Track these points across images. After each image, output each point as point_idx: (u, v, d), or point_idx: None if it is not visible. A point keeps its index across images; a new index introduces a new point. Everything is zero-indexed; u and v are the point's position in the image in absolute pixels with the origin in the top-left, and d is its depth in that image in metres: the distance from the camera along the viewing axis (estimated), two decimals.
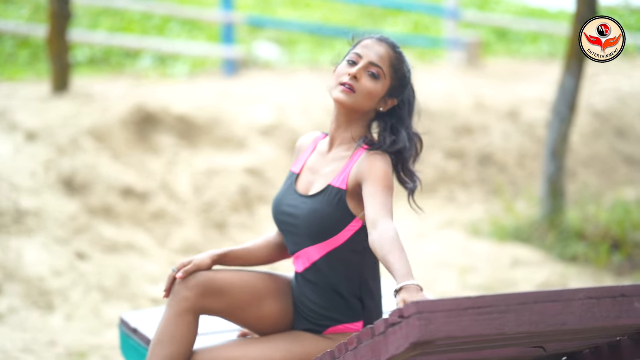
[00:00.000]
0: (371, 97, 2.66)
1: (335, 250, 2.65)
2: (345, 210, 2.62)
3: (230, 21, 9.51)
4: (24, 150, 6.45)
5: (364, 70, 2.65)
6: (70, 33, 9.37)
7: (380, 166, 2.59)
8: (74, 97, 7.45)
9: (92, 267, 5.59)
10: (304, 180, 2.76)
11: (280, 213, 2.76)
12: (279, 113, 7.53)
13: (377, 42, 2.70)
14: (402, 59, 2.73)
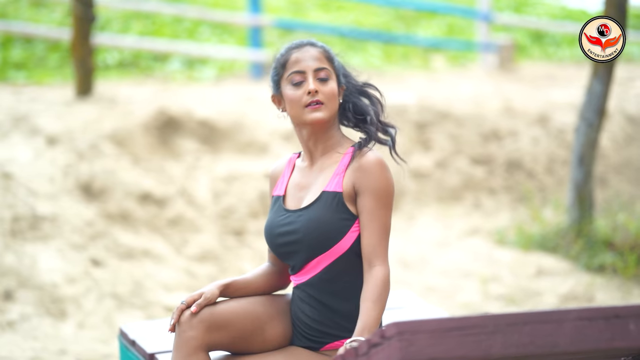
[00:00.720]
0: (335, 97, 2.62)
1: (341, 258, 2.55)
2: (345, 212, 2.54)
3: (257, 24, 9.45)
4: (43, 154, 6.43)
5: (315, 81, 2.58)
6: (98, 36, 9.40)
7: (377, 176, 2.53)
8: (97, 101, 7.43)
9: (106, 274, 5.55)
10: (292, 198, 2.68)
11: (275, 236, 2.66)
12: None
13: (302, 49, 2.64)
14: (327, 48, 2.70)
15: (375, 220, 2.51)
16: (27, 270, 5.37)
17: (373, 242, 2.50)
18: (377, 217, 2.51)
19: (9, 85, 8.65)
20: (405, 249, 6.56)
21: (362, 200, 2.51)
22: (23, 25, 9.71)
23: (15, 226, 5.69)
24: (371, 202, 2.50)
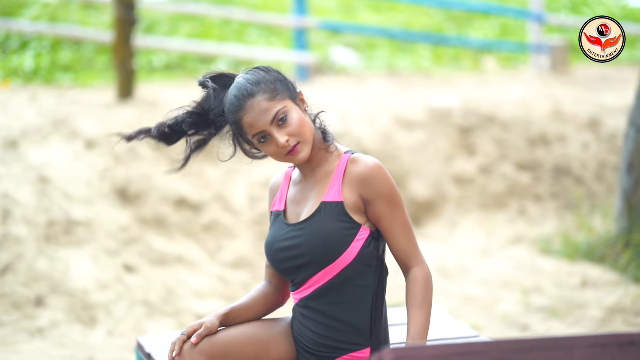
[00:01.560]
0: (304, 124, 2.52)
1: (348, 268, 2.48)
2: (349, 221, 2.48)
3: (303, 26, 9.35)
4: (81, 158, 6.41)
5: (278, 130, 2.49)
6: (145, 39, 9.42)
7: (383, 180, 2.49)
8: (137, 104, 7.40)
9: (138, 281, 5.49)
10: (292, 214, 2.61)
11: (276, 252, 2.58)
12: (343, 121, 7.32)
13: (246, 106, 2.50)
14: (264, 81, 2.52)
15: (397, 223, 2.49)
16: (59, 276, 5.34)
17: (403, 245, 2.50)
18: (397, 219, 2.49)
19: (54, 88, 8.69)
20: (445, 257, 6.39)
21: (376, 208, 2.48)
22: (72, 29, 9.76)
23: (49, 231, 5.68)
24: (386, 207, 2.48)
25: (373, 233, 2.52)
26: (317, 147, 2.56)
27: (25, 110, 7.20)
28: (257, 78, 2.51)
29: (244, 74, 2.55)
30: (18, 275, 5.33)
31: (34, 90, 8.40)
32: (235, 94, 2.50)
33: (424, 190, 7.19)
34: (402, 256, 2.52)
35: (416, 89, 8.73)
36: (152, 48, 9.54)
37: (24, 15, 10.75)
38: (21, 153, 6.37)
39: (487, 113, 7.74)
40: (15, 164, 6.21)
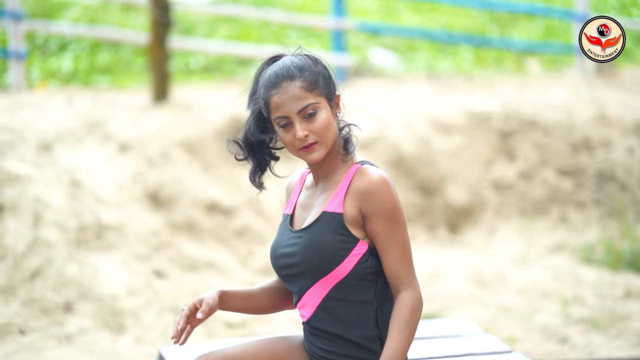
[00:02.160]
0: (329, 127, 2.47)
1: (343, 282, 2.44)
2: (346, 235, 2.43)
3: (341, 28, 9.25)
4: (114, 162, 6.38)
5: (302, 122, 2.44)
6: (182, 41, 9.40)
7: (384, 196, 2.42)
8: (171, 107, 7.35)
9: (168, 286, 5.43)
10: (298, 219, 2.57)
11: (277, 257, 2.55)
12: (380, 124, 7.20)
13: (280, 88, 2.45)
14: (309, 70, 2.47)
15: (393, 243, 2.42)
16: (88, 281, 5.30)
17: (395, 267, 2.41)
18: (394, 239, 2.42)
19: (91, 90, 8.69)
20: (482, 265, 6.24)
21: (373, 225, 2.42)
22: (110, 31, 9.78)
23: (80, 235, 5.64)
24: (383, 225, 2.41)
25: (372, 249, 2.45)
26: (334, 154, 2.50)
27: (60, 112, 7.19)
28: (303, 64, 2.47)
29: (292, 56, 2.52)
30: (47, 280, 5.29)
31: (70, 92, 8.41)
32: (275, 70, 2.46)
33: (461, 196, 7.06)
34: (393, 278, 2.43)
35: (456, 91, 8.58)
36: (189, 50, 9.51)
37: (64, 17, 10.80)
38: (55, 156, 6.36)
39: (528, 117, 7.57)
40: (48, 167, 6.19)
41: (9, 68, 8.63)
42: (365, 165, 2.48)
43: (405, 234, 2.44)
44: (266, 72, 2.51)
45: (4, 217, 5.71)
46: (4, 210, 5.74)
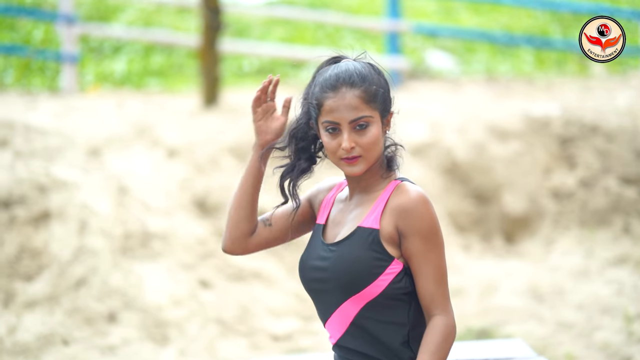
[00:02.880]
0: (376, 144, 2.40)
1: (374, 302, 2.37)
2: (381, 252, 2.36)
3: (395, 30, 9.10)
4: (162, 168, 6.33)
5: (351, 132, 2.38)
6: (235, 44, 9.35)
7: (422, 215, 2.35)
8: (221, 111, 7.30)
9: (213, 297, 5.35)
10: (330, 231, 2.49)
11: (307, 270, 2.47)
12: (434, 130, 7.05)
13: (338, 93, 2.38)
14: (371, 81, 2.40)
15: (429, 264, 2.35)
16: (133, 291, 5.26)
17: (430, 289, 2.35)
18: (430, 261, 2.35)
19: (142, 94, 8.69)
20: (539, 277, 6.04)
21: (410, 244, 2.35)
22: (164, 34, 9.78)
23: (125, 243, 5.60)
24: (420, 245, 2.34)
25: (406, 268, 2.38)
26: (375, 169, 2.43)
27: (110, 116, 7.20)
28: (366, 74, 2.41)
29: (355, 61, 2.45)
30: (92, 289, 5.27)
31: (122, 95, 8.42)
32: (337, 73, 2.40)
33: (518, 205, 6.87)
34: (426, 300, 2.36)
35: (515, 95, 8.38)
36: (241, 53, 9.46)
37: (119, 19, 10.84)
38: (103, 161, 6.35)
39: (589, 122, 7.33)
40: (96, 173, 6.18)
41: (62, 71, 8.66)
42: (404, 182, 2.41)
43: (442, 256, 2.37)
44: (326, 72, 2.44)
45: (50, 224, 5.71)
46: (51, 217, 5.73)
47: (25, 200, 5.83)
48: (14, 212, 5.74)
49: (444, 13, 12.19)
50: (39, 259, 5.47)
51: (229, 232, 2.54)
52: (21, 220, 5.70)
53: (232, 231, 2.54)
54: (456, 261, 6.22)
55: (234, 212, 2.54)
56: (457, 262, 6.21)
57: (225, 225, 2.55)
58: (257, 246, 2.58)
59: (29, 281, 5.36)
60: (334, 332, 2.43)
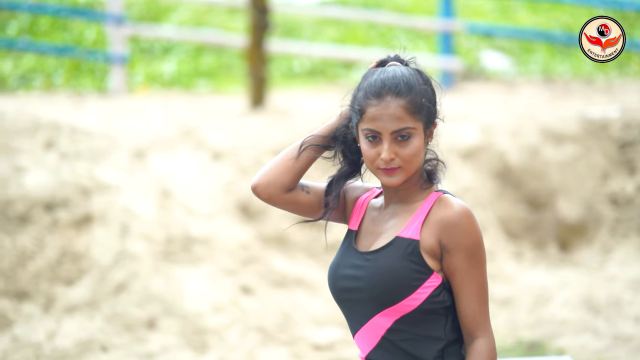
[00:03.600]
0: (417, 156, 2.34)
1: (410, 316, 2.29)
2: (420, 264, 2.29)
3: (448, 30, 8.95)
4: (206, 170, 6.31)
5: (392, 143, 2.31)
6: (286, 44, 9.28)
7: (467, 230, 2.29)
8: (268, 113, 7.24)
9: (255, 304, 5.30)
10: (363, 239, 2.41)
11: (338, 278, 2.37)
12: (486, 133, 6.89)
13: (382, 101, 2.31)
14: (417, 90, 2.33)
15: (472, 282, 2.30)
16: (173, 296, 5.23)
17: (472, 309, 2.30)
18: (474, 279, 2.30)
19: (191, 95, 8.69)
20: (595, 288, 5.85)
21: (453, 259, 2.30)
22: (214, 34, 9.76)
23: (167, 248, 5.59)
24: (464, 261, 2.29)
25: (445, 282, 2.31)
26: (414, 181, 2.37)
27: (156, 118, 7.21)
28: (414, 82, 2.33)
29: (404, 67, 2.38)
30: (132, 294, 5.26)
31: (169, 97, 8.42)
32: (383, 79, 2.33)
33: (574, 211, 6.70)
34: (468, 321, 2.29)
35: (572, 97, 8.18)
36: (290, 54, 9.39)
37: (170, 19, 10.85)
38: (147, 163, 6.35)
39: None
40: (139, 175, 6.18)
41: (111, 72, 8.68)
42: (447, 195, 2.36)
43: (485, 274, 2.32)
44: (372, 77, 2.36)
45: (92, 228, 5.72)
46: (93, 221, 5.74)
47: (68, 203, 5.85)
48: (57, 215, 5.77)
49: (501, 12, 12.01)
50: (80, 263, 5.47)
51: (269, 174, 2.43)
52: (64, 223, 5.72)
53: (271, 175, 2.43)
54: (507, 269, 6.08)
55: (283, 161, 2.44)
56: (508, 271, 6.07)
57: (267, 166, 2.44)
58: (286, 202, 2.47)
59: (70, 285, 5.37)
60: (363, 345, 2.36)
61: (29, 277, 5.40)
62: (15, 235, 5.62)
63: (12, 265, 5.43)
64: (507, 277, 5.96)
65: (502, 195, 6.61)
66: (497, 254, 6.12)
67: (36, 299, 5.28)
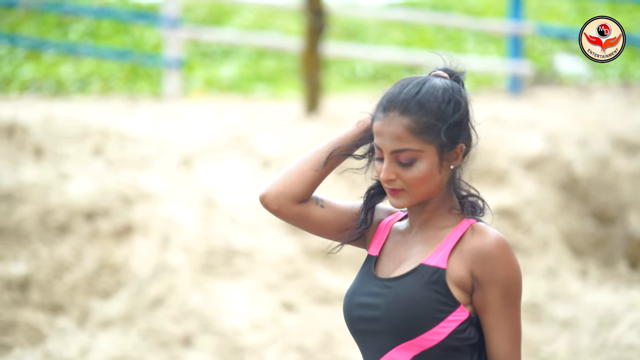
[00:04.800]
0: (424, 181, 2.16)
1: (431, 351, 2.14)
2: (445, 295, 2.14)
3: (517, 33, 8.70)
4: (254, 179, 6.22)
5: (392, 164, 2.15)
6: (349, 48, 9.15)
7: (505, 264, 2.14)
8: (322, 119, 7.13)
9: (296, 321, 5.19)
10: (384, 265, 2.23)
11: (353, 306, 2.19)
12: (551, 141, 6.67)
13: (387, 116, 2.15)
14: (431, 109, 2.14)
15: (506, 321, 2.14)
16: (211, 312, 5.16)
17: (505, 349, 2.14)
18: (508, 318, 2.14)
19: (247, 99, 8.64)
20: None
21: (486, 294, 2.14)
22: (274, 38, 9.69)
23: (208, 260, 5.52)
24: (499, 298, 2.14)
25: (472, 317, 2.14)
26: (438, 204, 2.20)
27: (208, 124, 7.17)
28: (429, 100, 2.14)
29: (441, 80, 2.17)
30: (169, 309, 5.21)
31: (225, 102, 8.38)
32: (394, 92, 2.17)
33: None
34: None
35: None
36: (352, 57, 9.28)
37: (233, 22, 10.84)
38: (193, 171, 6.32)
39: None
40: (184, 184, 6.15)
41: (165, 76, 8.67)
42: (482, 223, 2.19)
43: (519, 314, 2.17)
44: (392, 87, 2.19)
45: (132, 238, 5.68)
46: (134, 231, 5.71)
47: (109, 212, 5.82)
48: (97, 225, 5.73)
49: (579, 12, 11.72)
50: (118, 275, 5.43)
51: (280, 183, 2.24)
52: (103, 233, 5.69)
53: (284, 184, 2.24)
54: (570, 288, 5.85)
55: (301, 170, 2.25)
56: (571, 290, 5.83)
57: (280, 174, 2.25)
58: (296, 216, 2.28)
59: (106, 299, 5.33)
60: None
61: (65, 289, 5.36)
62: (53, 245, 5.59)
63: (48, 277, 5.40)
64: (570, 297, 5.73)
65: (567, 208, 6.39)
66: (560, 272, 5.89)
67: (71, 313, 5.25)
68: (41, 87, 9.22)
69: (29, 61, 9.82)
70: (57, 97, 8.95)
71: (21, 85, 9.24)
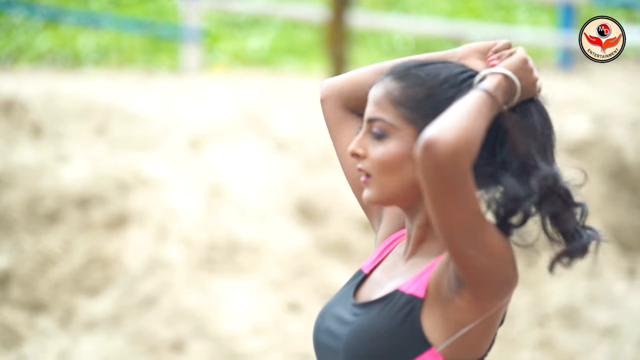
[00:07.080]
0: (389, 168, 1.84)
1: None
2: (414, 333, 1.84)
3: (570, 0, 8.35)
4: (266, 163, 6.07)
5: (366, 135, 1.88)
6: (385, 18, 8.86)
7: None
8: None
9: (300, 325, 5.02)
10: (368, 287, 1.97)
11: (321, 331, 1.95)
12: (599, 124, 6.35)
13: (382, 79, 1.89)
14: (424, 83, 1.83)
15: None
16: (206, 314, 5.03)
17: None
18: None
19: (271, 74, 8.45)
20: None
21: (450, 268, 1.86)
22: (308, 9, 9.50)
23: (207, 255, 5.40)
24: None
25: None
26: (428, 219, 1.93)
27: (223, 101, 7.04)
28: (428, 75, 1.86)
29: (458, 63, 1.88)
30: (161, 310, 5.10)
31: (247, 76, 8.18)
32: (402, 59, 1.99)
33: None
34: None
35: None
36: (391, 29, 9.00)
37: None
38: (200, 154, 6.19)
39: None
40: (189, 168, 5.99)
41: (183, 49, 8.49)
42: None
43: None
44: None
45: (127, 229, 5.54)
46: (128, 221, 5.58)
47: (103, 199, 5.68)
48: (89, 214, 5.57)
49: None
50: (108, 270, 5.28)
51: (347, 75, 2.03)
52: (96, 223, 5.53)
53: (345, 76, 2.02)
54: (615, 289, 5.53)
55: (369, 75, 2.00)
56: (616, 291, 5.52)
57: (350, 73, 2.03)
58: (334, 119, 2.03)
59: (93, 297, 5.18)
60: None
61: (48, 286, 5.20)
62: (39, 235, 5.42)
63: (31, 271, 5.23)
64: (613, 299, 5.42)
65: (614, 198, 6.07)
66: (603, 271, 5.55)
67: (53, 312, 5.09)
68: (56, 59, 9.09)
69: (46, 31, 9.71)
70: (71, 70, 8.83)
71: (35, 56, 9.11)
